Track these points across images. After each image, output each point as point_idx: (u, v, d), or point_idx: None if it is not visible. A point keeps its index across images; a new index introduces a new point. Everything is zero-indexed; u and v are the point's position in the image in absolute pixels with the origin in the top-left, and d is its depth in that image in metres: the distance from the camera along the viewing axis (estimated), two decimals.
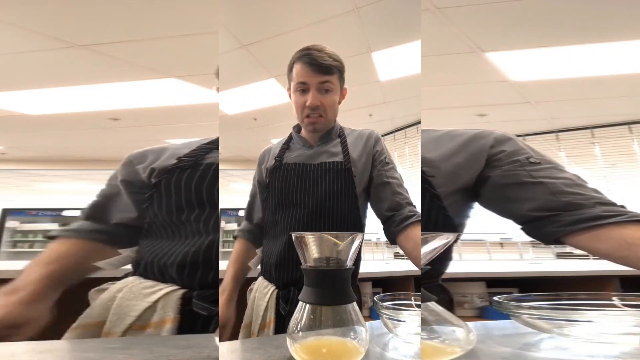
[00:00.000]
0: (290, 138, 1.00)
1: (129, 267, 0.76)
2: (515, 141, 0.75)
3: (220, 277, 0.72)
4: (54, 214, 6.42)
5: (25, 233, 6.27)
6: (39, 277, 0.62)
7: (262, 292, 0.85)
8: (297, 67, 0.87)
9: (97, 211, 0.75)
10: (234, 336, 0.87)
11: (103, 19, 2.03)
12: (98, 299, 0.67)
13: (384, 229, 0.88)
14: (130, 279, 0.68)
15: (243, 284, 0.97)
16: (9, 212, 6.23)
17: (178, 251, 0.66)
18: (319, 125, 0.91)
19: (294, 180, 0.88)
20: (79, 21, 2.05)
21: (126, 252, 0.75)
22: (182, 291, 0.63)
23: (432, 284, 0.82)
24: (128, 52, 2.38)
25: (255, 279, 0.94)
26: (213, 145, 0.77)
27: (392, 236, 0.83)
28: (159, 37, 2.22)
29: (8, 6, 1.89)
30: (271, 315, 0.81)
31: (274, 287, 0.85)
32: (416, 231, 0.80)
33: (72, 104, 3.25)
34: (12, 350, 0.44)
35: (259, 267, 0.97)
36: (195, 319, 0.63)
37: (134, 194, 0.75)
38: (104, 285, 0.69)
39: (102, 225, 0.75)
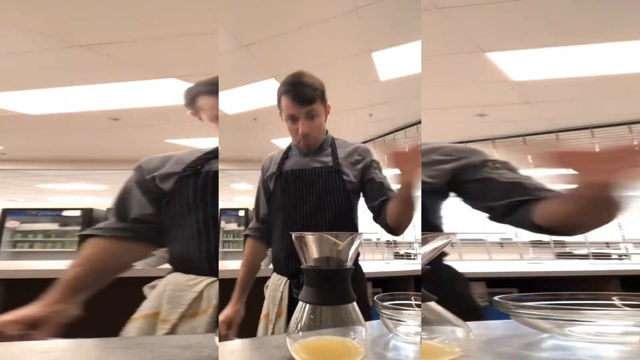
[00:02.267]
0: (289, 148, 1.14)
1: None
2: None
3: (221, 277, 0.80)
4: (54, 214, 6.43)
5: (25, 233, 6.28)
6: (60, 281, 0.72)
7: (276, 284, 0.98)
8: (284, 101, 0.99)
9: (118, 209, 0.87)
10: (241, 334, 1.01)
11: (103, 19, 2.03)
12: (151, 293, 0.79)
13: (374, 217, 1.00)
14: (174, 274, 0.80)
15: (255, 283, 1.10)
16: (9, 212, 6.24)
17: (202, 247, 0.78)
18: (312, 146, 1.06)
19: (292, 184, 1.02)
20: (79, 21, 2.05)
21: (159, 253, 0.88)
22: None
23: (438, 264, 0.92)
24: (128, 52, 2.37)
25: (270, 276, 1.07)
26: (210, 154, 0.90)
27: (383, 219, 0.94)
28: (159, 37, 2.22)
29: (8, 6, 1.89)
30: (285, 303, 0.93)
31: (286, 279, 0.97)
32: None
33: (72, 104, 3.24)
34: (12, 350, 0.44)
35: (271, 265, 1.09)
36: None
37: (146, 193, 0.87)
38: (154, 282, 0.81)
39: (123, 222, 0.86)
